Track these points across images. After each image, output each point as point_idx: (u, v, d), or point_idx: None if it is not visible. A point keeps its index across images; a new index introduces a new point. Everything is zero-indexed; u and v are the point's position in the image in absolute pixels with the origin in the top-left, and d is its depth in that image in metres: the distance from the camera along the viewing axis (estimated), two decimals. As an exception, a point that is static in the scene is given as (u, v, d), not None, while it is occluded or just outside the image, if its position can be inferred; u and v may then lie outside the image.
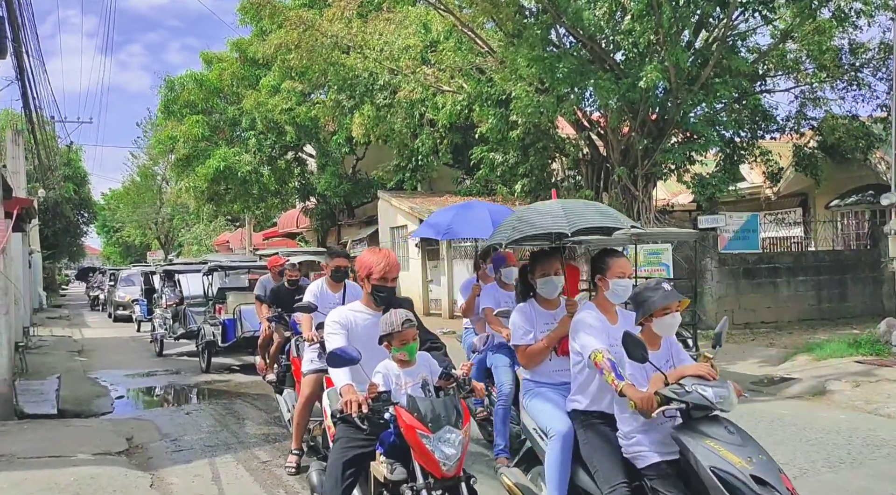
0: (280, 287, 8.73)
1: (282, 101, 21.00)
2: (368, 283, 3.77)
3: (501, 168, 14.66)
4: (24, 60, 11.36)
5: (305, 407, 5.60)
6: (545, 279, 4.13)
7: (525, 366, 4.11)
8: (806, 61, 14.32)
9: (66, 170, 36.24)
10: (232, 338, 11.10)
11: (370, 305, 3.85)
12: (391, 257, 3.78)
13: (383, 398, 3.39)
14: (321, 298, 5.91)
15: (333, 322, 3.75)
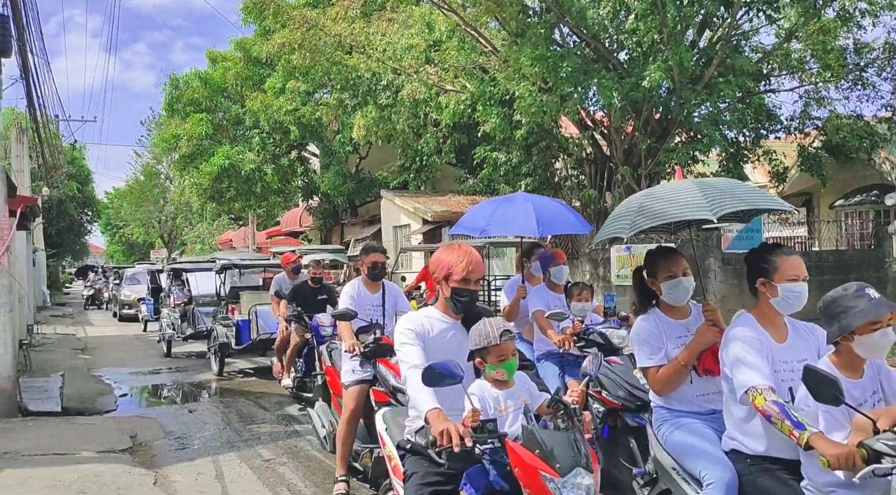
0: (302, 285, 8.44)
1: (287, 101, 21.03)
2: (447, 286, 3.11)
3: (505, 167, 14.65)
4: (29, 59, 11.39)
5: (350, 423, 4.99)
6: (672, 282, 3.38)
7: (658, 392, 3.37)
8: (810, 61, 14.29)
9: (70, 168, 36.31)
10: (247, 339, 10.68)
11: (448, 312, 3.19)
12: (473, 255, 3.13)
13: (488, 428, 2.70)
14: (359, 301, 5.34)
15: (407, 330, 3.11)
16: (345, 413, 5.03)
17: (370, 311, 5.35)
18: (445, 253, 3.17)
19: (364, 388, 4.95)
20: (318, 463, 6.31)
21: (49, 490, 5.38)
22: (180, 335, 13.56)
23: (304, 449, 6.75)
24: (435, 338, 3.12)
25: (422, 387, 2.78)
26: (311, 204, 26.69)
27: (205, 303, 13.37)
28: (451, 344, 3.10)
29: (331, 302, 8.28)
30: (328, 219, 26.62)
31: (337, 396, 5.51)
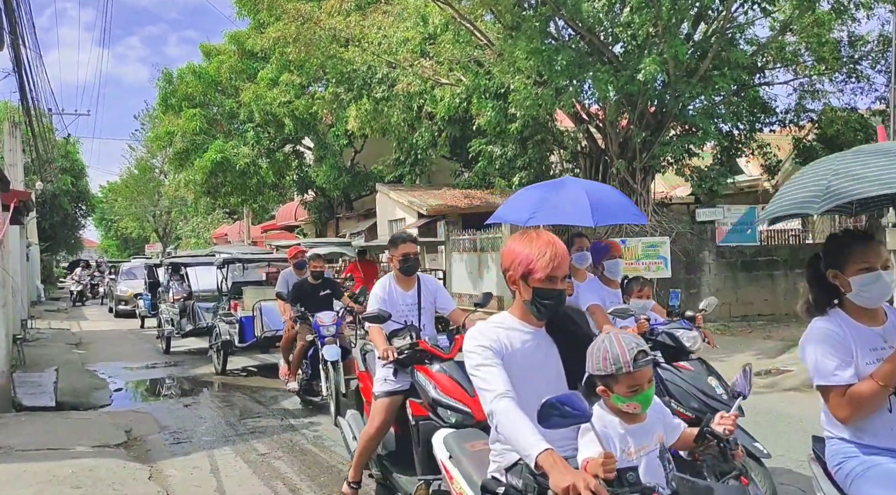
0: (302, 282, 8.05)
1: (280, 93, 20.96)
2: (526, 287, 2.43)
3: (500, 161, 14.64)
4: (21, 52, 11.32)
5: (376, 437, 4.46)
6: (869, 276, 2.55)
7: (844, 419, 2.55)
8: (805, 53, 14.30)
9: (64, 162, 36.15)
10: (251, 337, 10.30)
11: (527, 318, 2.51)
12: (557, 246, 2.44)
13: (629, 479, 2.00)
14: (391, 301, 4.70)
15: (481, 347, 2.40)
16: (370, 426, 4.46)
17: (404, 312, 4.77)
18: (521, 244, 2.48)
19: (396, 400, 4.41)
20: (313, 457, 6.31)
21: (43, 485, 5.37)
22: (179, 331, 13.25)
23: (300, 444, 6.76)
24: (516, 353, 2.44)
25: (522, 422, 2.17)
26: (306, 198, 26.64)
27: (205, 298, 13.03)
28: (534, 358, 2.47)
29: (335, 295, 8.05)
30: (323, 212, 26.59)
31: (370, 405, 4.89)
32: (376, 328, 4.57)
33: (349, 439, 4.95)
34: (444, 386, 4.07)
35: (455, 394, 4.01)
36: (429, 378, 4.19)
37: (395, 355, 4.33)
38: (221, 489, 5.49)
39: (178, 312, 13.43)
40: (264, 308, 10.08)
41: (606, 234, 13.44)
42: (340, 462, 6.09)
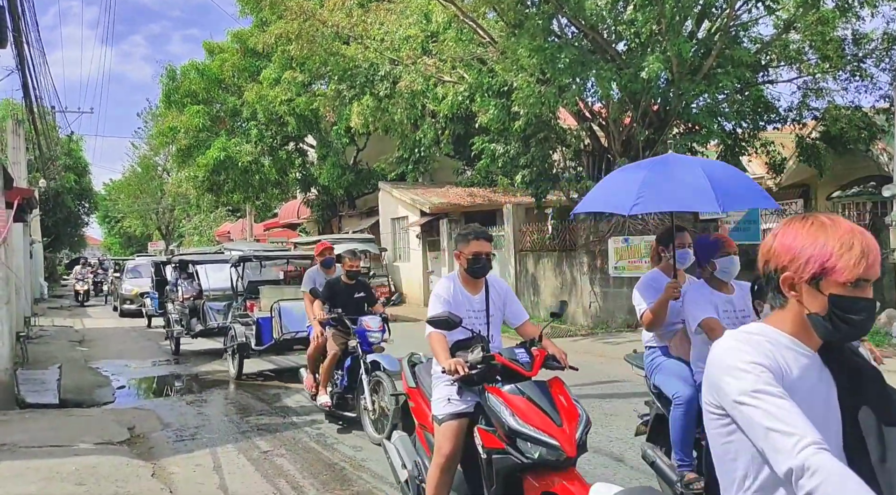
0: (335, 281, 7.20)
1: (282, 91, 20.97)
2: (817, 293, 1.69)
3: (502, 159, 14.63)
4: (25, 50, 11.33)
5: (446, 471, 3.76)
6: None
7: None
8: (809, 51, 14.26)
9: (67, 160, 36.26)
10: (269, 339, 9.63)
11: (803, 336, 1.73)
12: (866, 237, 1.71)
13: None
14: (455, 306, 3.94)
15: (756, 365, 1.62)
16: (438, 456, 3.78)
17: (471, 319, 4.03)
18: (807, 232, 1.72)
19: (463, 424, 3.75)
20: (315, 454, 6.32)
21: (47, 482, 5.38)
22: (190, 332, 12.59)
23: (302, 441, 6.77)
24: (797, 381, 1.66)
25: None
26: (308, 196, 26.66)
27: (216, 298, 12.50)
28: (815, 394, 1.68)
29: (369, 300, 7.31)
30: (326, 210, 26.61)
31: (424, 428, 4.23)
32: (440, 336, 3.84)
33: (397, 466, 4.31)
34: (524, 413, 3.41)
35: (538, 423, 3.37)
36: (503, 401, 3.48)
37: (466, 370, 3.58)
38: (224, 486, 5.49)
39: (188, 312, 12.86)
40: (283, 308, 9.48)
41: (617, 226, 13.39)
42: (343, 459, 6.10)
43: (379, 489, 5.31)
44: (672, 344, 4.37)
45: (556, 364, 3.79)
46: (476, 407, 3.71)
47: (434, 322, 3.73)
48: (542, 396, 3.49)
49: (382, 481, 5.47)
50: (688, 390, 3.96)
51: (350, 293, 7.13)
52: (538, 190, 14.94)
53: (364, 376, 6.62)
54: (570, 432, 3.35)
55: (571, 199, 14.94)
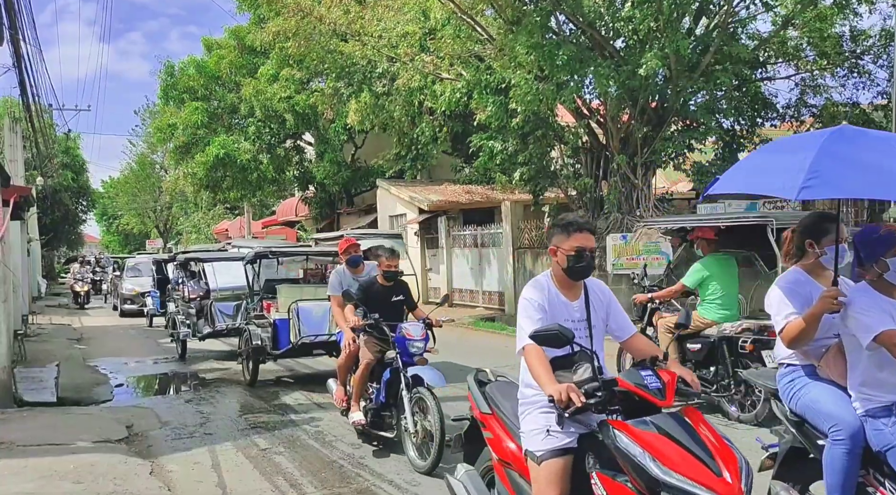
0: (370, 282, 6.43)
1: (280, 89, 20.95)
2: None
3: (501, 156, 14.62)
4: (22, 47, 11.30)
5: None
6: None
7: None
8: (807, 48, 14.27)
9: (65, 158, 36.23)
10: (286, 343, 8.94)
11: None
12: None
13: None
14: (552, 312, 3.24)
15: None
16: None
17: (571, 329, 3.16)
18: None
19: (568, 463, 3.05)
20: (314, 452, 6.31)
21: (44, 480, 5.37)
22: (196, 334, 11.78)
23: (301, 439, 6.76)
24: None
25: None
26: (306, 193, 26.64)
27: (224, 298, 11.69)
28: None
29: (408, 304, 6.53)
30: (324, 208, 26.59)
31: (506, 465, 3.47)
32: (540, 354, 3.08)
33: None
34: (668, 457, 2.67)
35: (689, 471, 2.63)
36: (636, 441, 2.74)
37: (582, 400, 2.81)
38: (222, 484, 5.49)
39: (195, 313, 12.01)
40: (302, 310, 8.84)
41: (615, 224, 13.36)
42: (342, 457, 6.10)
43: (378, 486, 5.31)
44: (822, 363, 3.50)
45: (689, 389, 3.01)
46: (581, 441, 3.06)
47: (541, 337, 2.95)
48: (685, 433, 2.75)
49: (381, 479, 5.47)
50: (851, 423, 3.17)
51: (387, 296, 6.32)
52: (536, 187, 14.94)
53: (405, 392, 5.73)
54: (733, 483, 2.60)
55: (569, 197, 14.94)
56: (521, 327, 3.19)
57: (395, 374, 5.87)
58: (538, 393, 3.08)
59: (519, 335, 3.18)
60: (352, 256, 7.05)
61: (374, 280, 6.42)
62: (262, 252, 10.42)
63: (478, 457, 3.84)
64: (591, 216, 14.19)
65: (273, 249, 11.06)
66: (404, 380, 5.74)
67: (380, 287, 6.34)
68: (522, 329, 3.15)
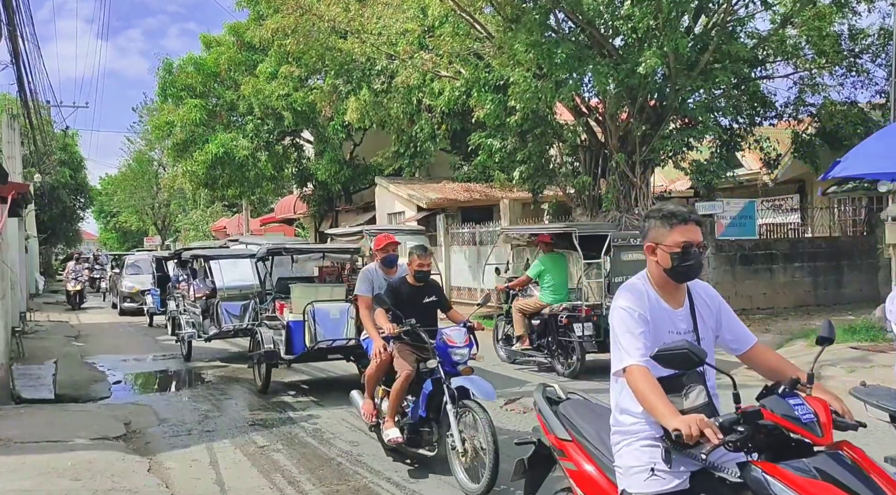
0: (400, 283, 5.83)
1: (279, 86, 20.91)
2: None
3: (499, 154, 14.61)
4: (19, 44, 11.28)
5: None
6: None
7: None
8: (805, 47, 14.26)
9: (62, 154, 36.15)
10: (301, 347, 8.37)
11: None
12: None
13: None
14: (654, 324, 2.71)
15: None
16: None
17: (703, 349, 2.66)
18: None
19: None
20: (312, 449, 6.32)
21: (42, 477, 5.37)
22: (202, 335, 11.20)
23: (299, 436, 6.77)
24: None
25: None
26: (305, 191, 26.61)
27: (231, 297, 11.07)
28: None
29: (441, 306, 5.94)
30: (322, 205, 26.55)
31: None
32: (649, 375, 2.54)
33: None
34: None
35: None
36: (798, 492, 2.24)
37: (719, 437, 2.33)
38: (220, 481, 5.50)
39: (200, 313, 11.43)
40: (318, 311, 8.26)
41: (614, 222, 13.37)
42: (339, 454, 6.11)
43: (376, 484, 5.31)
44: None
45: (843, 421, 2.47)
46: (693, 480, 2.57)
47: (666, 357, 2.45)
48: (855, 479, 2.24)
49: (379, 476, 5.47)
50: None
51: (419, 298, 5.76)
52: (535, 185, 14.94)
53: (449, 406, 5.14)
54: None
55: (568, 195, 14.94)
56: (619, 343, 2.64)
57: (437, 386, 5.30)
58: (638, 421, 2.60)
59: (616, 353, 2.64)
60: (389, 255, 6.28)
61: (403, 280, 5.85)
62: (276, 248, 9.85)
63: (540, 486, 3.44)
64: (590, 214, 14.20)
65: (287, 246, 10.53)
66: (448, 393, 5.16)
67: (409, 288, 5.77)
68: (621, 345, 2.62)
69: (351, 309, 8.26)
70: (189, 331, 11.60)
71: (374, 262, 6.37)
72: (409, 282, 5.80)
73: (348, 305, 8.39)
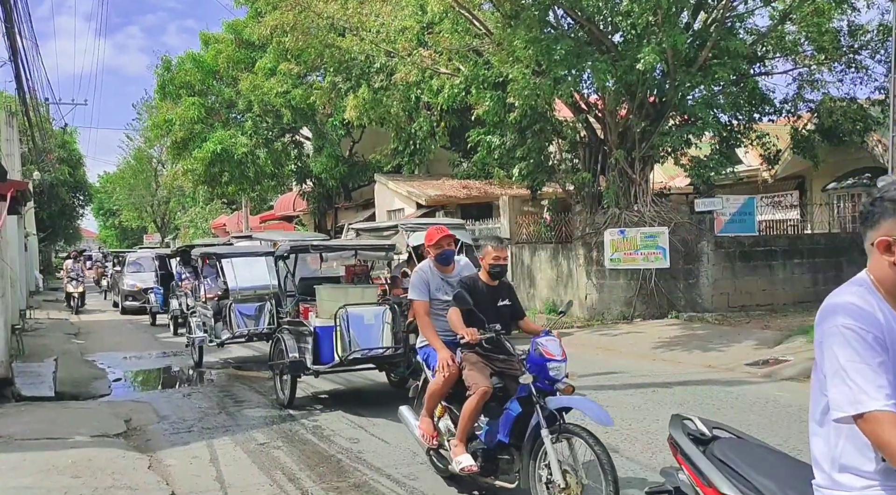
0: (473, 281, 4.89)
1: (277, 83, 20.90)
2: None
3: (499, 151, 14.61)
4: (18, 41, 11.27)
5: None
6: None
7: None
8: (804, 43, 14.25)
9: (61, 152, 36.13)
10: (330, 357, 7.48)
11: None
12: None
13: None
14: (893, 345, 1.92)
15: None
16: None
17: None
18: None
19: None
20: (312, 446, 6.32)
21: (42, 474, 5.38)
22: (214, 339, 10.47)
23: (299, 433, 6.77)
24: None
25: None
26: (304, 188, 26.60)
27: (245, 298, 10.26)
28: None
29: (515, 311, 5.04)
30: (321, 203, 26.56)
31: None
32: None
33: None
34: None
35: None
36: None
37: None
38: (221, 478, 5.50)
39: (213, 315, 10.59)
40: (352, 317, 7.33)
41: (613, 219, 13.39)
42: (339, 451, 6.11)
43: (376, 480, 5.32)
44: None
45: None
46: None
47: None
48: None
49: (379, 473, 5.48)
50: None
51: (493, 300, 4.87)
52: (534, 182, 14.94)
53: (545, 432, 4.19)
54: None
55: (567, 191, 14.95)
56: (848, 378, 1.88)
57: (525, 407, 4.39)
58: (872, 484, 1.94)
59: (840, 390, 1.90)
60: (445, 251, 5.29)
61: (476, 278, 4.92)
62: (301, 245, 8.80)
63: None
64: (589, 211, 14.20)
65: (314, 242, 9.72)
66: (542, 415, 4.22)
67: (484, 287, 4.85)
68: (852, 381, 1.87)
69: (387, 313, 7.54)
70: (200, 334, 10.75)
71: (427, 260, 5.42)
72: (483, 280, 4.85)
73: (383, 309, 7.61)
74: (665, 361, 9.93)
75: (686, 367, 9.44)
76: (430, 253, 5.35)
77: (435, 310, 5.09)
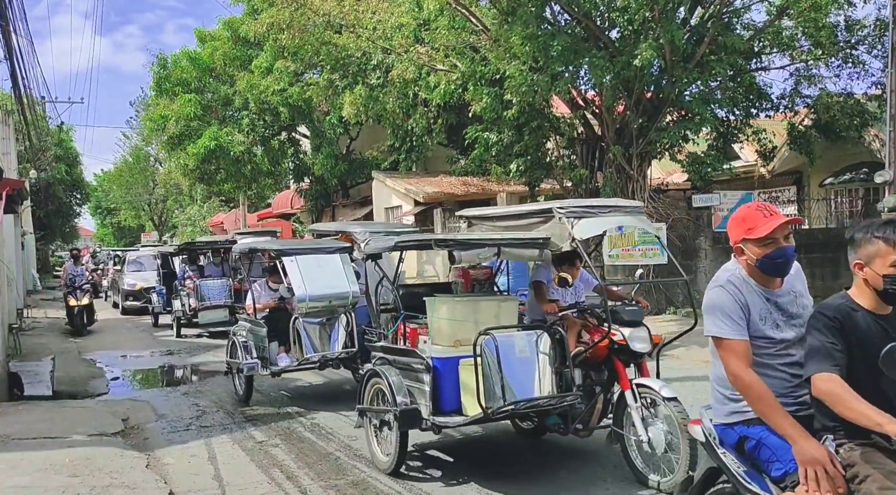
0: (847, 312, 3.08)
1: (274, 81, 20.86)
2: None
3: (496, 148, 14.59)
4: (13, 39, 11.23)
5: None
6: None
7: None
8: (801, 38, 14.23)
9: (58, 150, 36.05)
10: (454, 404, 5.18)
11: None
12: None
13: None
14: None
15: None
16: None
17: None
18: None
19: None
20: (310, 444, 6.32)
21: (40, 473, 5.37)
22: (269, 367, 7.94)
23: (297, 431, 6.77)
24: None
25: None
26: (302, 185, 26.58)
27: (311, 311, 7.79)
28: None
29: None
30: (319, 200, 26.54)
31: None
32: None
33: None
34: None
35: None
36: None
37: None
38: (219, 477, 5.50)
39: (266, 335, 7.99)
40: (503, 348, 4.92)
41: None
42: (338, 449, 6.11)
43: (374, 478, 5.32)
44: None
45: None
46: None
47: None
48: None
49: (377, 471, 5.48)
50: None
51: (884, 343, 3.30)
52: (532, 178, 14.92)
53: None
54: None
55: (565, 188, 14.93)
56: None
57: None
58: None
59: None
60: (783, 250, 3.22)
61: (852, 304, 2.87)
62: (412, 241, 6.15)
63: None
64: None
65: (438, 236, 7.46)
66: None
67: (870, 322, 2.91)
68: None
69: (543, 341, 5.13)
70: (249, 361, 7.84)
71: (735, 265, 3.07)
72: (864, 306, 2.76)
73: (536, 334, 5.20)
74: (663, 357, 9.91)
75: (684, 363, 9.46)
76: (746, 252, 3.00)
77: (762, 355, 2.87)
